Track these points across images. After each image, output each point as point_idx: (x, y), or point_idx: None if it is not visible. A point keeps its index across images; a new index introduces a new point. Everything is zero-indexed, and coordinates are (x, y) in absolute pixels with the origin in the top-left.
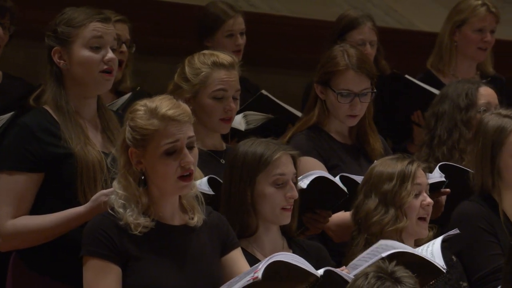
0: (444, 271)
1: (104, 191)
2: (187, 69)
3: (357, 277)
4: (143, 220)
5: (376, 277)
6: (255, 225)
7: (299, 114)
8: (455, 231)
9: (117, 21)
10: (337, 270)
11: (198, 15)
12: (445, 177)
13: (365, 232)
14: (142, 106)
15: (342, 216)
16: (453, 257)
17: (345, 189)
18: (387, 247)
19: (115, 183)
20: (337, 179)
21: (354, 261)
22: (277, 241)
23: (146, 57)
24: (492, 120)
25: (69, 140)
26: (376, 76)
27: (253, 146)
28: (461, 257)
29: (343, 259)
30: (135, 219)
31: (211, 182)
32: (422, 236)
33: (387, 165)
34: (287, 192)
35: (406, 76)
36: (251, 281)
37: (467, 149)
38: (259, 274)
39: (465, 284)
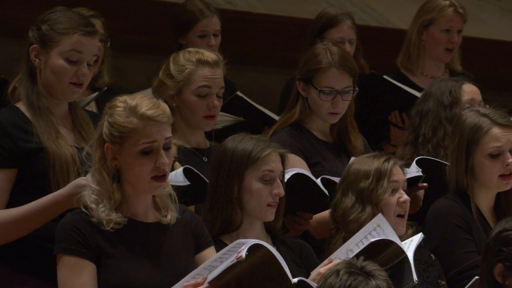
0: (416, 282)
1: (83, 177)
2: (171, 66)
3: (327, 275)
4: (115, 216)
5: (347, 273)
6: (240, 220)
7: (275, 116)
8: (420, 236)
9: (90, 16)
10: (309, 281)
11: (175, 12)
12: (422, 172)
13: (343, 230)
14: (122, 102)
15: (323, 213)
16: (432, 255)
17: (326, 191)
18: (380, 234)
19: (88, 177)
20: (318, 181)
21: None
22: (261, 237)
23: (122, 54)
24: (470, 117)
25: (40, 135)
26: (358, 74)
27: (243, 142)
28: (437, 254)
29: (322, 256)
30: (107, 215)
31: (186, 172)
32: (400, 233)
33: (364, 162)
34: (274, 189)
35: (385, 76)
36: (235, 261)
37: None
38: (243, 254)
39: (443, 282)
